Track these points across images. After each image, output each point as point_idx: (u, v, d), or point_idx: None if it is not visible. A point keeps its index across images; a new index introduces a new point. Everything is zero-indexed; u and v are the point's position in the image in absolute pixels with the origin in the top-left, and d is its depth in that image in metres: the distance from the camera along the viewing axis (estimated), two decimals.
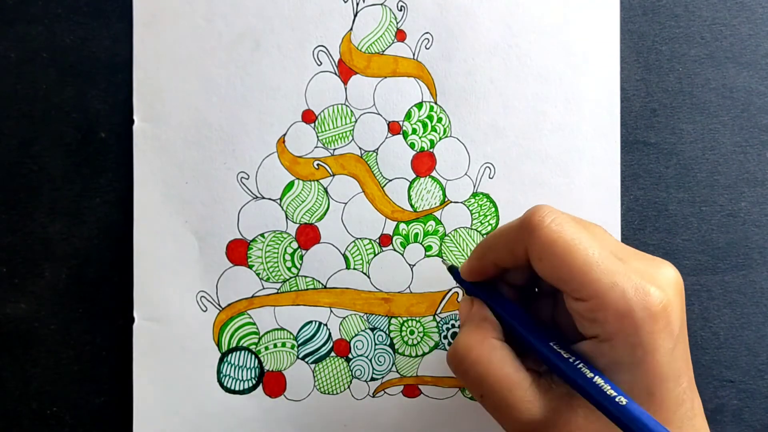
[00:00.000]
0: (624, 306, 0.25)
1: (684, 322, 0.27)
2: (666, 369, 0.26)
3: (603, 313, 0.26)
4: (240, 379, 0.37)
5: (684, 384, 0.26)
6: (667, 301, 0.26)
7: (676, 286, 0.27)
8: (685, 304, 0.28)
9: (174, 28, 0.36)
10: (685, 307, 0.28)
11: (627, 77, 0.38)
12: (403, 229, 0.37)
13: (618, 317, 0.25)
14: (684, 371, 0.26)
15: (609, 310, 0.26)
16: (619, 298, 0.25)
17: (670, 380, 0.26)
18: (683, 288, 0.28)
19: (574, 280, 0.26)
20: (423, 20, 0.37)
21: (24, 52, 0.37)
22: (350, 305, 0.37)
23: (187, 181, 0.37)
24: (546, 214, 0.27)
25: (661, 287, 0.26)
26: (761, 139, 0.38)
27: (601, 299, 0.26)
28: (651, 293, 0.25)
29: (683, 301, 0.27)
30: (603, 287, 0.25)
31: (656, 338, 0.25)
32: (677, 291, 0.27)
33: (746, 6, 0.38)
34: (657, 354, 0.25)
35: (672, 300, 0.26)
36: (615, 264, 0.26)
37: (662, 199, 0.38)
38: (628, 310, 0.25)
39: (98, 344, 0.37)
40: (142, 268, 0.36)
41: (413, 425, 0.37)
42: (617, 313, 0.25)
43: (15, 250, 0.37)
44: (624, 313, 0.25)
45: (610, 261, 0.26)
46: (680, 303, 0.27)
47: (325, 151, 0.37)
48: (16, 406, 0.37)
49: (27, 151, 0.37)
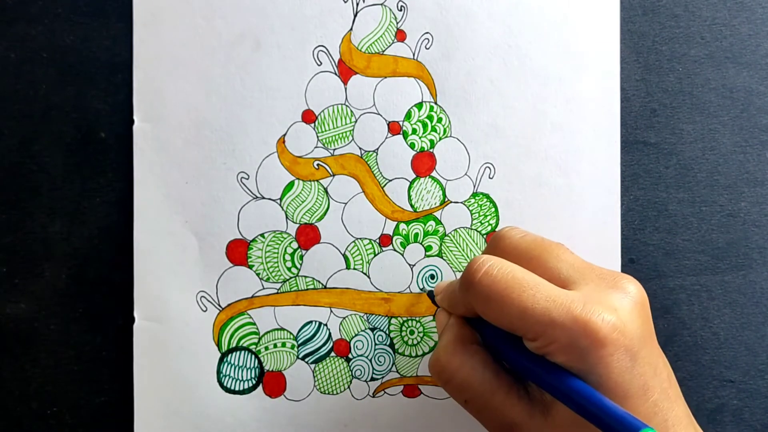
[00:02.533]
0: (566, 340, 0.26)
1: (648, 336, 0.27)
2: (627, 387, 0.26)
3: (551, 348, 0.26)
4: (240, 379, 0.37)
5: (654, 396, 0.26)
6: (615, 323, 0.26)
7: (633, 303, 0.27)
8: (649, 317, 0.28)
9: (174, 28, 0.36)
10: (651, 320, 0.28)
11: (627, 77, 0.38)
12: (403, 229, 0.37)
13: (563, 350, 0.26)
14: (653, 384, 0.26)
15: (554, 345, 0.26)
16: (559, 334, 0.26)
17: (633, 397, 0.26)
18: (646, 301, 0.28)
19: (515, 326, 0.27)
20: (423, 20, 0.37)
21: (24, 52, 0.37)
22: (350, 305, 0.37)
23: (187, 181, 0.37)
24: (476, 267, 0.28)
25: (612, 309, 0.26)
26: (761, 139, 0.38)
27: (544, 338, 0.26)
28: (593, 321, 0.26)
29: (645, 315, 0.28)
30: (542, 327, 0.26)
31: (607, 362, 0.26)
32: (635, 309, 0.27)
33: (746, 6, 0.38)
34: (612, 376, 0.26)
35: (626, 319, 0.26)
36: (552, 299, 0.26)
37: (662, 199, 0.38)
38: (570, 342, 0.26)
39: (98, 344, 0.37)
40: (142, 268, 0.36)
41: (413, 425, 0.37)
42: (561, 347, 0.26)
43: (15, 250, 0.37)
44: (567, 346, 0.26)
45: (546, 297, 0.26)
46: (640, 319, 0.27)
47: (325, 151, 0.37)
48: (16, 406, 0.37)
49: (27, 151, 0.37)
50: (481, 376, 0.29)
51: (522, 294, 0.27)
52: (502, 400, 0.28)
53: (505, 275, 0.27)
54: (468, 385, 0.29)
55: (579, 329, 0.26)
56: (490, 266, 0.28)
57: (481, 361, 0.29)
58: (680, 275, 0.38)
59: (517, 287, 0.27)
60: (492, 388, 0.29)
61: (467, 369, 0.29)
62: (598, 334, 0.25)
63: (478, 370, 0.29)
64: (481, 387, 0.29)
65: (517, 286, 0.27)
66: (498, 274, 0.27)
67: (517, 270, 0.28)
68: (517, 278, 0.27)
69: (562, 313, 0.26)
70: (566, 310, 0.26)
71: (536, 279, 0.27)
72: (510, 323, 0.27)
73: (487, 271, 0.28)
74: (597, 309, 0.26)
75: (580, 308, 0.26)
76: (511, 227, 0.31)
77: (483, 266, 0.28)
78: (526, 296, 0.27)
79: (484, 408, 0.29)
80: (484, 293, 0.27)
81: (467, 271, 0.28)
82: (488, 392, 0.29)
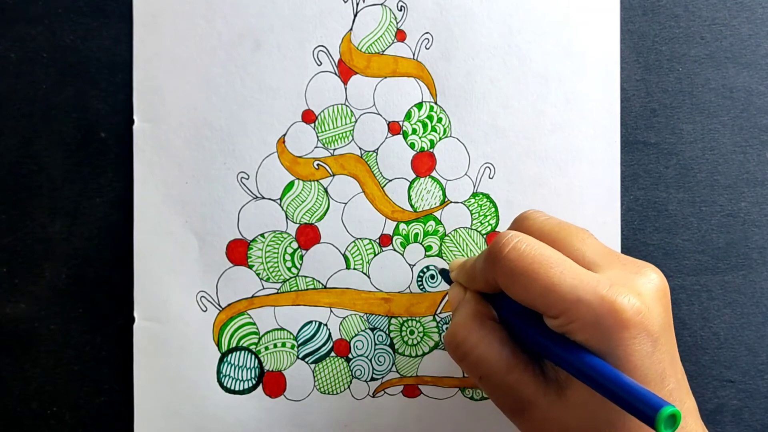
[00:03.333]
0: (590, 318, 0.26)
1: (668, 324, 0.27)
2: (645, 372, 0.26)
3: (573, 326, 0.26)
4: (240, 379, 0.37)
5: (670, 385, 0.26)
6: (639, 306, 0.26)
7: (655, 290, 0.27)
8: (669, 306, 0.28)
9: (174, 28, 0.36)
10: (671, 310, 0.28)
11: (627, 77, 0.38)
12: (403, 229, 0.37)
13: (585, 329, 0.26)
14: (669, 374, 0.27)
15: (577, 323, 0.26)
16: (584, 312, 0.26)
17: (651, 383, 0.26)
18: (667, 290, 0.28)
19: (539, 302, 0.27)
20: (423, 20, 0.37)
21: (24, 52, 0.37)
22: (350, 305, 0.37)
23: (187, 181, 0.37)
24: (505, 242, 0.28)
25: (636, 293, 0.26)
26: (761, 139, 0.38)
27: (568, 315, 0.26)
28: (619, 302, 0.26)
29: (666, 303, 0.28)
30: (567, 304, 0.26)
31: (629, 344, 0.26)
32: (657, 295, 0.27)
33: (746, 6, 0.38)
34: (632, 358, 0.26)
35: (649, 305, 0.26)
36: (579, 277, 0.26)
37: (662, 199, 0.38)
38: (594, 321, 0.26)
39: (98, 344, 0.37)
40: (142, 268, 0.36)
41: (413, 425, 0.37)
42: (584, 325, 0.26)
43: (15, 250, 0.37)
44: (590, 325, 0.26)
45: (574, 275, 0.27)
46: (662, 306, 0.27)
47: (325, 151, 0.37)
48: (16, 406, 0.37)
49: (27, 151, 0.37)
50: (498, 353, 0.29)
51: (549, 270, 0.27)
52: (518, 378, 0.28)
53: (533, 251, 0.27)
54: (484, 361, 0.29)
55: (605, 309, 0.26)
56: (519, 241, 0.28)
57: (498, 337, 0.29)
58: (680, 275, 0.38)
59: (545, 263, 0.27)
60: (508, 365, 0.28)
61: (484, 345, 0.29)
62: (623, 314, 0.25)
63: (495, 347, 0.29)
64: (498, 364, 0.28)
65: (545, 262, 0.27)
66: (526, 250, 0.27)
67: (544, 247, 0.28)
68: (545, 255, 0.27)
69: (588, 292, 0.26)
70: (593, 289, 0.26)
71: (563, 257, 0.27)
72: (533, 299, 0.27)
73: (515, 246, 0.27)
74: (623, 291, 0.26)
75: (607, 288, 0.26)
76: (535, 210, 0.31)
77: (511, 241, 0.28)
78: (553, 272, 0.27)
79: (499, 385, 0.29)
80: (510, 267, 0.27)
81: (494, 245, 0.28)
82: (504, 369, 0.28)
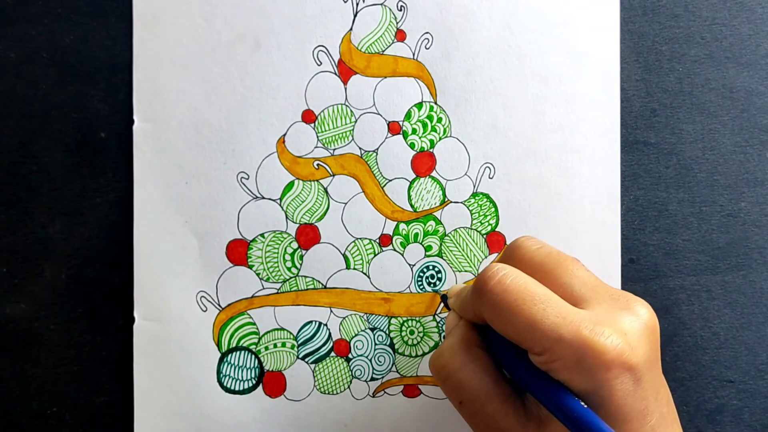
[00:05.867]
0: (572, 358, 0.26)
1: (653, 361, 0.27)
2: (627, 410, 0.26)
3: (555, 365, 0.26)
4: (240, 379, 0.37)
5: (653, 421, 0.26)
6: (623, 348, 0.26)
7: (643, 327, 0.27)
8: (657, 342, 0.28)
9: (174, 28, 0.36)
10: (658, 345, 0.28)
11: (627, 77, 0.38)
12: (403, 229, 0.37)
13: (568, 368, 0.26)
14: (653, 409, 0.26)
15: (559, 362, 0.26)
16: (566, 351, 0.26)
17: (632, 420, 0.26)
18: (656, 326, 0.28)
19: (522, 339, 0.27)
20: (423, 20, 0.37)
21: (24, 52, 0.37)
22: (350, 305, 0.37)
23: (187, 181, 0.37)
24: (490, 275, 0.28)
25: (621, 332, 0.26)
26: (761, 139, 0.38)
27: (550, 354, 0.26)
28: (601, 343, 0.25)
29: (654, 340, 0.27)
30: (549, 342, 0.26)
31: (611, 384, 0.25)
32: (644, 332, 0.27)
33: (746, 6, 0.38)
34: (614, 398, 0.26)
35: (634, 343, 0.26)
36: (562, 315, 0.26)
37: (662, 199, 0.38)
38: (576, 361, 0.26)
39: (98, 344, 0.37)
40: (142, 268, 0.36)
41: (413, 425, 0.37)
42: (566, 365, 0.26)
43: (15, 250, 0.37)
44: (572, 364, 0.26)
45: (557, 313, 0.26)
46: (647, 344, 0.27)
47: (325, 151, 0.37)
48: (16, 406, 0.37)
49: (27, 151, 0.37)
50: (480, 380, 0.29)
51: (533, 307, 0.26)
52: (497, 408, 0.28)
53: (518, 286, 0.27)
54: (465, 387, 0.29)
55: (586, 349, 0.25)
56: (504, 275, 0.28)
57: (482, 365, 0.29)
58: (680, 275, 0.38)
59: (529, 299, 0.27)
60: (489, 394, 0.28)
61: (467, 370, 0.29)
62: (605, 356, 0.25)
63: (477, 374, 0.29)
64: (478, 391, 0.29)
65: (528, 298, 0.27)
66: (511, 284, 0.27)
67: (530, 282, 0.27)
68: (530, 290, 0.27)
69: (570, 331, 0.26)
70: (575, 329, 0.26)
71: (548, 293, 0.27)
72: (517, 335, 0.27)
73: (500, 280, 0.27)
74: (606, 331, 0.26)
75: (590, 328, 0.26)
76: (528, 237, 0.31)
77: (497, 275, 0.28)
78: (536, 309, 0.26)
79: (478, 413, 0.29)
80: (495, 302, 0.27)
81: (480, 278, 0.28)
82: (484, 397, 0.28)
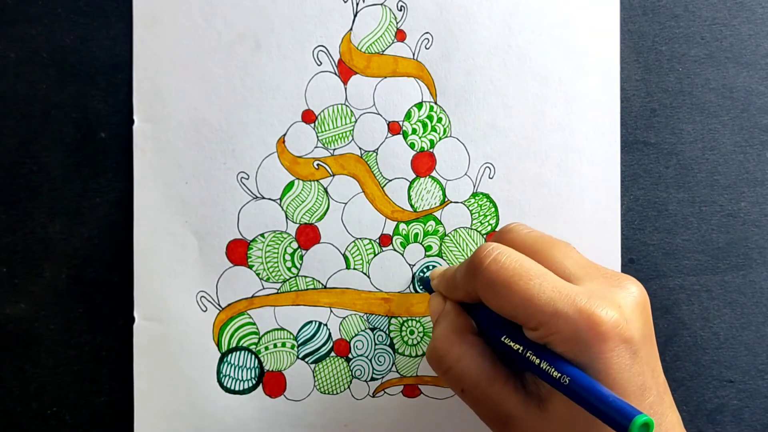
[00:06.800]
0: (568, 331, 0.26)
1: (648, 336, 0.28)
2: (625, 384, 0.26)
3: (552, 338, 0.26)
4: (240, 379, 0.37)
5: (650, 398, 0.26)
6: (618, 319, 0.26)
7: (635, 302, 0.28)
8: (650, 318, 0.28)
9: (174, 28, 0.36)
10: (651, 322, 0.28)
11: (627, 77, 0.38)
12: (403, 229, 0.37)
13: (564, 342, 0.26)
14: (650, 386, 0.27)
15: (556, 335, 0.26)
16: (562, 324, 0.26)
17: (630, 396, 0.26)
18: (647, 303, 0.28)
19: (518, 314, 0.27)
20: (423, 20, 0.37)
21: (24, 52, 0.37)
22: (350, 305, 0.37)
23: (187, 181, 0.37)
24: (486, 253, 0.28)
25: (616, 305, 0.26)
26: (761, 139, 0.38)
27: (547, 327, 0.26)
28: (597, 314, 0.26)
29: (647, 316, 0.28)
30: (545, 316, 0.26)
31: (608, 357, 0.26)
32: (637, 308, 0.27)
33: (746, 6, 0.38)
34: (611, 371, 0.26)
35: (629, 317, 0.26)
36: (558, 290, 0.27)
37: (662, 199, 0.38)
38: (573, 334, 0.26)
39: (98, 344, 0.37)
40: (142, 268, 0.36)
41: (413, 425, 0.37)
42: (563, 338, 0.26)
43: (15, 250, 0.37)
44: (569, 338, 0.26)
45: (552, 287, 0.27)
46: (641, 318, 0.27)
47: (325, 151, 0.37)
48: (16, 406, 0.37)
49: (27, 151, 0.37)
50: (479, 367, 0.29)
51: (528, 282, 0.27)
52: (499, 391, 0.28)
53: (513, 263, 0.28)
54: (466, 375, 0.29)
55: (582, 321, 0.26)
56: (499, 253, 0.28)
57: (479, 351, 0.29)
58: (680, 275, 0.38)
59: (525, 275, 0.27)
60: (489, 378, 0.29)
61: (467, 359, 0.29)
62: (601, 327, 0.26)
63: (476, 361, 0.29)
64: (479, 377, 0.29)
65: (524, 273, 0.27)
66: (506, 261, 0.28)
67: (525, 259, 0.28)
68: (525, 267, 0.27)
69: (566, 304, 0.26)
70: (571, 302, 0.26)
71: (543, 270, 0.28)
72: (513, 311, 0.27)
73: (496, 258, 0.28)
74: (601, 303, 0.26)
75: (585, 301, 0.26)
76: (517, 223, 0.32)
77: (492, 252, 0.28)
78: (532, 284, 0.27)
79: (481, 398, 0.29)
80: (491, 279, 0.27)
81: (475, 256, 0.28)
82: (485, 382, 0.29)
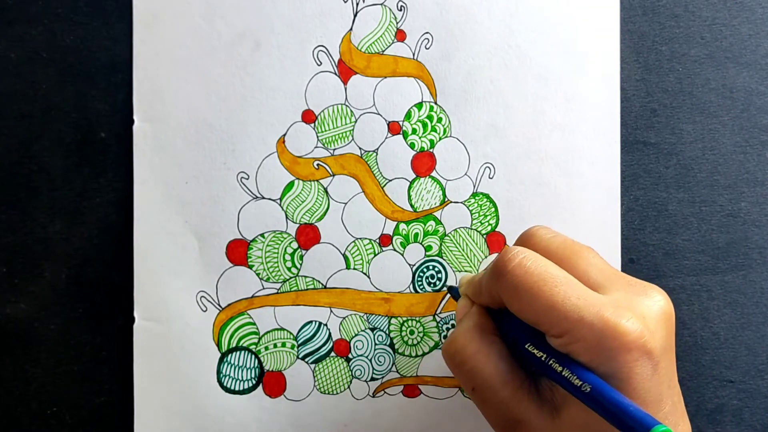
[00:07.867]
0: (593, 339, 0.26)
1: (669, 347, 0.27)
2: (644, 394, 0.26)
3: (575, 347, 0.26)
4: (240, 379, 0.37)
5: (666, 408, 0.26)
6: (642, 330, 0.26)
7: (660, 312, 0.27)
8: (673, 329, 0.28)
9: (174, 28, 0.36)
10: (674, 333, 0.28)
11: (627, 77, 0.38)
12: (403, 229, 0.37)
13: (588, 350, 0.26)
14: (666, 396, 0.26)
15: (579, 344, 0.26)
16: (587, 333, 0.26)
17: (649, 405, 0.26)
18: (672, 313, 0.28)
19: (541, 321, 0.27)
20: (423, 20, 0.37)
21: (24, 52, 0.37)
22: (350, 305, 0.37)
23: (187, 181, 0.37)
24: (511, 257, 0.28)
25: (640, 316, 0.26)
26: (761, 139, 0.38)
27: (571, 335, 0.26)
28: (622, 324, 0.26)
29: (670, 327, 0.28)
30: (570, 324, 0.26)
31: (631, 367, 0.26)
32: (661, 318, 0.27)
33: (746, 6, 0.38)
34: (632, 381, 0.26)
35: (652, 328, 0.26)
36: (583, 298, 0.26)
37: (662, 199, 0.38)
38: (597, 343, 0.26)
39: (98, 344, 0.37)
40: (142, 268, 0.36)
41: (413, 425, 0.37)
42: (587, 347, 0.26)
43: (15, 250, 0.37)
44: (592, 346, 0.26)
45: (578, 295, 0.26)
46: (665, 329, 0.27)
47: (325, 151, 0.37)
48: (16, 406, 0.37)
49: (27, 151, 0.37)
50: (494, 367, 0.28)
51: (554, 288, 0.26)
52: (511, 395, 0.28)
53: (538, 268, 0.27)
54: (479, 373, 0.29)
55: (608, 331, 0.25)
56: (525, 257, 0.28)
57: (497, 351, 0.29)
58: (680, 275, 0.38)
59: (550, 281, 0.27)
60: (502, 380, 0.28)
61: (482, 356, 0.29)
62: (626, 338, 0.25)
63: (492, 359, 0.29)
64: (492, 377, 0.28)
65: (549, 279, 0.27)
66: (532, 266, 0.27)
67: (550, 265, 0.27)
68: (550, 273, 0.27)
69: (591, 313, 0.26)
70: (596, 311, 0.26)
71: (568, 276, 0.27)
72: (536, 317, 0.27)
73: (520, 262, 0.27)
74: (626, 314, 0.26)
75: (611, 311, 0.26)
76: (542, 226, 0.31)
77: (517, 257, 0.28)
78: (557, 291, 0.26)
79: (491, 399, 0.28)
80: (515, 283, 0.27)
81: (500, 260, 0.28)
82: (498, 384, 0.28)
